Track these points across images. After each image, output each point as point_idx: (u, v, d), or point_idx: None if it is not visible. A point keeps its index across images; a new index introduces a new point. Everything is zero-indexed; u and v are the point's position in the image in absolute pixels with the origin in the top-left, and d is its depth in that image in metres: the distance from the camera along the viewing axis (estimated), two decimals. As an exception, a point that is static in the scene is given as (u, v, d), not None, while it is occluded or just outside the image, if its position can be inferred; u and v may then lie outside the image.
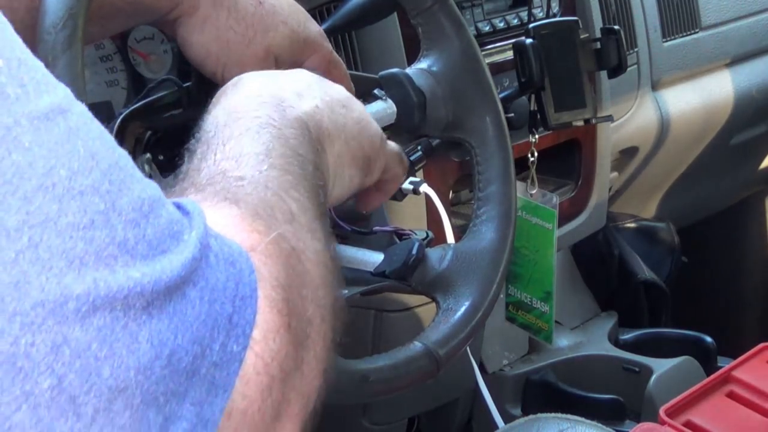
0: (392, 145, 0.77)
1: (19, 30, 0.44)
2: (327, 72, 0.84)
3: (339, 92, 0.71)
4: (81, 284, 0.40)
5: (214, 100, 0.66)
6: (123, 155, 0.45)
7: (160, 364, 0.42)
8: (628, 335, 1.73)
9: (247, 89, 0.66)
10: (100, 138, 0.44)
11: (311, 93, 0.67)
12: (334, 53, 0.86)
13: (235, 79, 0.68)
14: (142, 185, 0.45)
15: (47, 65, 0.45)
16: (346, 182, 0.69)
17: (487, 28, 1.33)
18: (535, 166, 1.25)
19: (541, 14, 1.39)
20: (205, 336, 0.44)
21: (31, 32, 0.63)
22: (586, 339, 1.68)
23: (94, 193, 0.42)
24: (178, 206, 0.47)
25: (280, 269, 0.49)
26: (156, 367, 0.42)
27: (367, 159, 0.71)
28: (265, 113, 0.61)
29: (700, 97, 1.77)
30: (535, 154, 1.24)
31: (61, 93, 0.43)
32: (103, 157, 0.44)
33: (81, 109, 0.44)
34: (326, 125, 0.66)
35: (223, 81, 0.79)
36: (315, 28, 0.84)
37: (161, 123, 0.86)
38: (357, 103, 0.72)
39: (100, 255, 0.41)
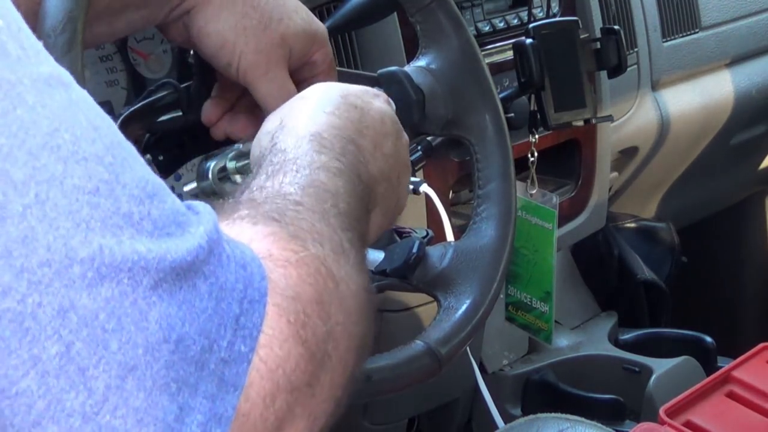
0: None
1: None
2: (329, 69, 0.84)
3: (401, 156, 0.73)
4: (87, 248, 0.40)
5: (296, 99, 0.69)
6: (125, 139, 0.45)
7: (168, 348, 0.42)
8: (628, 335, 1.73)
9: (332, 112, 0.67)
10: (102, 116, 0.44)
11: (383, 149, 0.69)
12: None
13: (315, 90, 0.70)
14: (145, 169, 0.45)
15: None
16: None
17: (487, 28, 1.33)
18: (535, 166, 1.25)
19: (541, 14, 1.39)
20: (212, 331, 0.44)
21: None
22: (586, 339, 1.68)
23: (98, 162, 0.42)
24: (189, 206, 0.47)
25: (305, 285, 0.49)
26: (164, 351, 0.41)
27: (385, 228, 0.74)
28: (348, 160, 0.63)
29: (700, 97, 1.77)
30: (535, 154, 1.24)
31: (62, 70, 0.43)
32: (106, 132, 0.43)
33: (81, 90, 0.44)
34: (380, 193, 0.68)
35: (239, 71, 0.79)
36: (321, 24, 0.85)
37: (161, 124, 0.86)
38: (405, 170, 0.74)
39: (105, 222, 0.41)
